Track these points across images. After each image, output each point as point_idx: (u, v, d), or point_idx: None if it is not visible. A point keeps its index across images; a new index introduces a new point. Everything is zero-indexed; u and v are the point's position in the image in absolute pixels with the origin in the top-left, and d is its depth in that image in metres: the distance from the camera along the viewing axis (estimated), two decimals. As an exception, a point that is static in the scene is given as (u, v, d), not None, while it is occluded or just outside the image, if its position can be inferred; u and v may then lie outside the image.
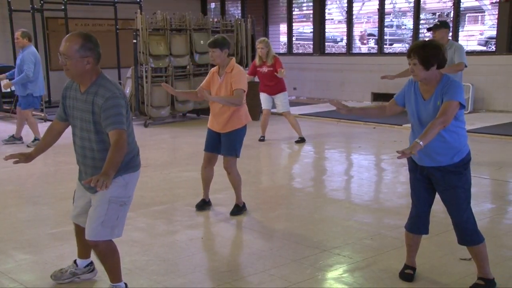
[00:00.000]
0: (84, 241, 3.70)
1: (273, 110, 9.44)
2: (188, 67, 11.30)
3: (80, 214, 3.62)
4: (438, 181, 3.61)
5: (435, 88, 3.52)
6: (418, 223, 3.79)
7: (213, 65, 5.45)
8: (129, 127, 3.38)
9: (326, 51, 14.89)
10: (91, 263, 3.92)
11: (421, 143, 3.30)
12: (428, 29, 7.33)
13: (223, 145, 5.25)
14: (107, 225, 3.37)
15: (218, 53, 5.13)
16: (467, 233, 3.62)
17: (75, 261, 3.91)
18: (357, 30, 14.60)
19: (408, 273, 3.89)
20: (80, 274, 3.88)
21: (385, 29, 13.64)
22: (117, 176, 3.31)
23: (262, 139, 9.16)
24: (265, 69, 8.74)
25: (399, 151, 3.27)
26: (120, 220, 3.45)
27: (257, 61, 8.85)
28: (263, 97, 9.04)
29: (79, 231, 3.72)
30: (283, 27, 15.74)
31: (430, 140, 3.36)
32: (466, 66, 6.79)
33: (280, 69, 8.52)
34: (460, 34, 12.33)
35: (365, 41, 14.66)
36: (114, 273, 3.58)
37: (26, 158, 3.50)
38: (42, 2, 11.89)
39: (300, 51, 15.89)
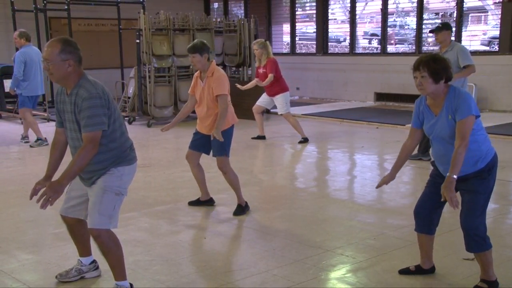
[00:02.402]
0: (80, 237, 3.84)
1: (273, 110, 9.44)
2: (191, 67, 11.30)
3: (72, 205, 3.69)
4: (461, 187, 3.55)
5: (443, 101, 3.47)
6: (418, 222, 3.79)
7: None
8: (115, 123, 3.48)
9: (329, 51, 14.88)
10: (95, 260, 3.95)
11: (454, 176, 3.31)
12: (431, 31, 7.31)
13: (213, 146, 5.30)
14: (104, 214, 3.47)
15: (198, 58, 5.16)
16: (475, 239, 3.53)
17: (79, 260, 3.95)
18: (360, 30, 14.60)
19: (408, 268, 3.92)
20: (86, 271, 3.91)
21: (388, 29, 13.63)
22: (111, 168, 3.49)
23: (257, 137, 9.12)
24: (260, 70, 8.79)
25: (445, 198, 3.30)
26: (116, 211, 3.55)
27: (256, 61, 8.90)
28: (262, 96, 9.11)
29: (71, 227, 3.79)
30: (286, 27, 15.71)
31: (460, 167, 3.34)
32: None
33: (270, 74, 8.55)
34: (463, 34, 12.31)
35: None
36: (118, 269, 3.60)
37: (44, 181, 3.55)
38: (45, 2, 11.89)
39: (303, 51, 15.88)
